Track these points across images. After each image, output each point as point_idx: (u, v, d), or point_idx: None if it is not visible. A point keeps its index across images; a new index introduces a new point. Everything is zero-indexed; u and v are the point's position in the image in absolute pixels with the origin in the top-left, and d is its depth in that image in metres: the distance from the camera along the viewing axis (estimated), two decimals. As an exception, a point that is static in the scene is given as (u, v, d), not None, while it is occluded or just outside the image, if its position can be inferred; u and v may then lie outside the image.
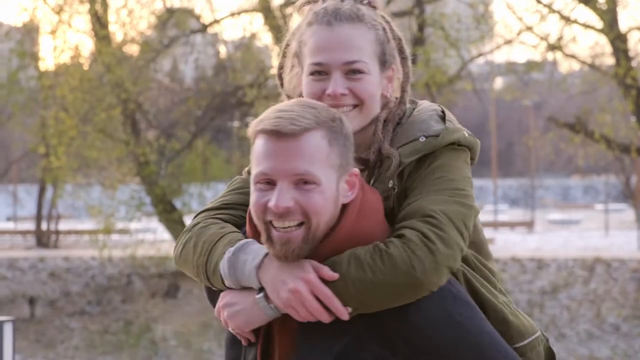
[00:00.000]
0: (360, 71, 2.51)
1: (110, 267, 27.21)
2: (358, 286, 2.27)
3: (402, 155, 2.48)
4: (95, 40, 23.79)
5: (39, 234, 36.60)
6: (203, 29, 25.22)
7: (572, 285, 23.74)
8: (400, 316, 2.28)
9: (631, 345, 21.17)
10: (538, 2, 21.32)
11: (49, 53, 26.37)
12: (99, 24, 23.45)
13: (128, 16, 24.00)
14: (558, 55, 22.51)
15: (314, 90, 2.52)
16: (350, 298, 2.27)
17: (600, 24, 20.82)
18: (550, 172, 64.39)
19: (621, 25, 20.84)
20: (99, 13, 23.61)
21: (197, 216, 2.61)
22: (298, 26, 2.60)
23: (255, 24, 27.44)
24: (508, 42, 22.94)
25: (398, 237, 2.32)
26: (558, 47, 21.38)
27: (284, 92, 2.68)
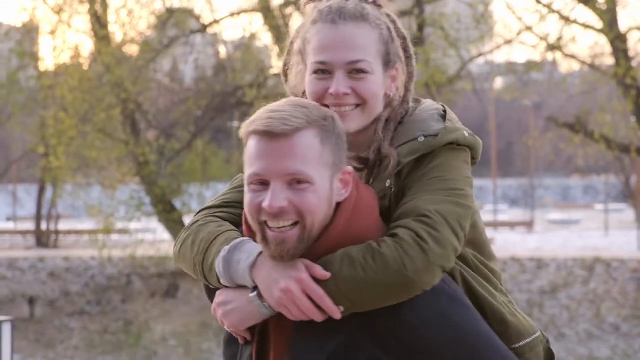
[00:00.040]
0: (363, 71, 2.50)
1: (110, 267, 27.21)
2: (350, 285, 2.27)
3: (401, 154, 2.46)
4: (95, 40, 23.79)
5: (39, 234, 36.59)
6: (203, 29, 25.22)
7: (572, 285, 23.74)
8: (393, 315, 2.28)
9: (631, 345, 21.16)
10: (538, 2, 21.32)
11: (49, 53, 26.38)
12: (99, 24, 23.46)
13: (128, 16, 24.00)
14: (558, 55, 22.51)
15: (317, 89, 2.52)
16: (342, 297, 2.27)
17: (599, 24, 20.82)
18: (550, 172, 64.38)
19: (621, 25, 20.84)
20: (99, 13, 23.61)
21: (198, 214, 2.61)
22: (303, 24, 2.60)
23: (255, 24, 27.43)
24: (508, 42, 22.95)
25: (391, 237, 2.32)
26: (558, 47, 21.38)
27: (288, 90, 2.67)
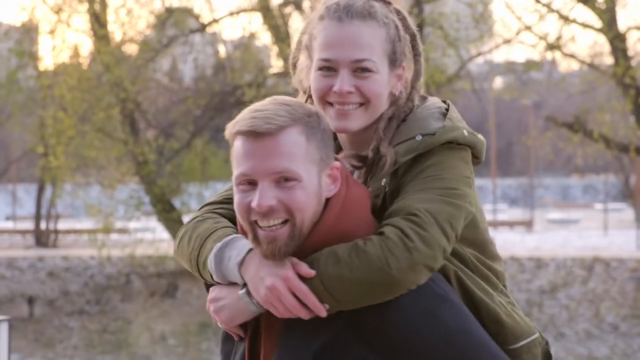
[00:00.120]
0: (368, 70, 2.48)
1: (109, 267, 27.21)
2: (334, 283, 2.26)
3: (398, 153, 2.45)
4: (94, 39, 23.80)
5: (38, 234, 36.60)
6: (202, 29, 25.22)
7: (571, 284, 23.74)
8: (379, 314, 2.27)
9: (630, 344, 21.16)
10: (537, 2, 21.32)
11: (48, 52, 26.40)
12: (98, 24, 23.46)
13: (127, 16, 24.01)
14: (557, 54, 22.53)
15: (321, 85, 2.51)
16: (327, 295, 2.27)
17: (599, 24, 20.83)
18: (549, 172, 64.41)
19: (620, 24, 20.86)
20: (98, 12, 23.61)
21: (200, 210, 2.62)
22: (311, 19, 2.58)
23: (254, 24, 27.46)
24: (507, 42, 22.96)
25: (378, 235, 2.31)
26: (557, 47, 21.39)
27: (294, 83, 2.67)
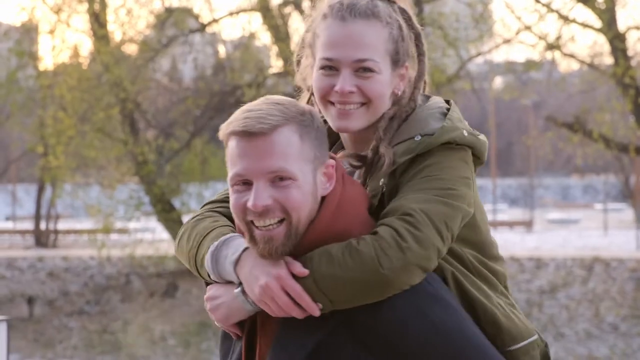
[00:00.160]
0: (370, 70, 2.48)
1: (109, 267, 27.21)
2: (327, 282, 2.26)
3: (396, 154, 2.44)
4: (93, 39, 23.80)
5: (38, 234, 36.58)
6: (202, 29, 25.22)
7: (571, 284, 23.74)
8: (373, 313, 2.27)
9: (629, 344, 21.15)
10: (537, 2, 21.33)
11: (48, 52, 26.42)
12: (98, 24, 23.46)
13: (126, 15, 24.01)
14: (557, 54, 22.53)
15: (323, 84, 2.51)
16: (320, 294, 2.26)
17: (598, 24, 20.84)
18: (549, 172, 64.41)
19: (620, 24, 20.86)
20: (98, 12, 23.62)
21: (201, 208, 2.62)
22: (315, 17, 2.57)
23: (253, 24, 27.47)
24: (507, 42, 22.97)
25: (372, 234, 2.30)
26: (557, 47, 21.40)
27: (297, 81, 2.67)
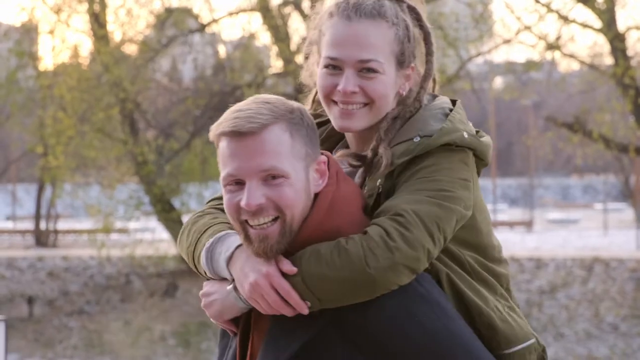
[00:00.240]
0: (373, 70, 2.46)
1: (108, 267, 27.21)
2: (315, 281, 2.26)
3: (395, 155, 2.43)
4: (93, 39, 23.81)
5: (38, 234, 36.58)
6: (201, 29, 25.23)
7: (571, 284, 23.74)
8: (362, 312, 2.28)
9: (629, 344, 21.15)
10: (537, 2, 21.33)
11: (48, 53, 26.45)
12: (98, 24, 23.47)
13: (126, 16, 24.02)
14: (557, 54, 22.55)
15: (326, 83, 2.50)
16: (308, 293, 2.27)
17: (598, 24, 20.84)
18: (549, 172, 64.41)
19: (619, 24, 20.87)
20: (98, 13, 23.63)
21: (205, 204, 2.64)
22: (322, 14, 2.56)
23: (253, 24, 27.47)
24: (507, 42, 22.97)
25: (362, 234, 2.30)
26: (557, 47, 21.40)
27: (302, 79, 2.67)
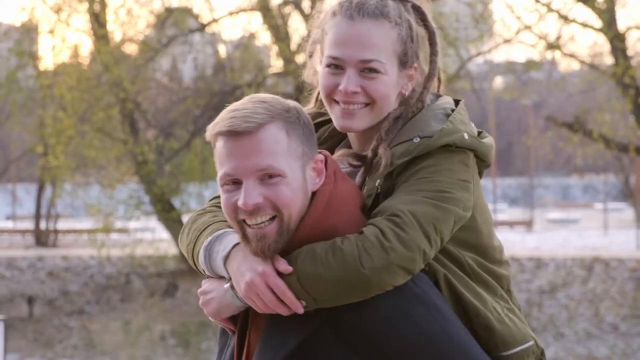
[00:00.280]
0: (375, 70, 2.46)
1: (109, 266, 27.21)
2: (310, 281, 2.26)
3: (394, 155, 2.42)
4: (93, 39, 23.82)
5: (38, 233, 36.57)
6: (202, 28, 25.24)
7: (571, 284, 23.74)
8: (357, 312, 2.28)
9: (629, 344, 21.14)
10: (537, 2, 21.34)
11: (48, 52, 26.46)
12: (98, 23, 23.48)
13: (126, 15, 24.03)
14: (557, 54, 22.55)
15: (328, 82, 2.50)
16: (303, 292, 2.26)
17: (598, 23, 20.85)
18: (549, 172, 64.41)
19: (619, 24, 20.88)
20: (98, 12, 23.64)
21: (208, 202, 2.64)
22: (324, 13, 2.56)
23: (253, 23, 27.49)
24: (507, 42, 22.99)
25: (357, 234, 2.29)
26: (557, 46, 21.41)
27: (305, 78, 2.66)
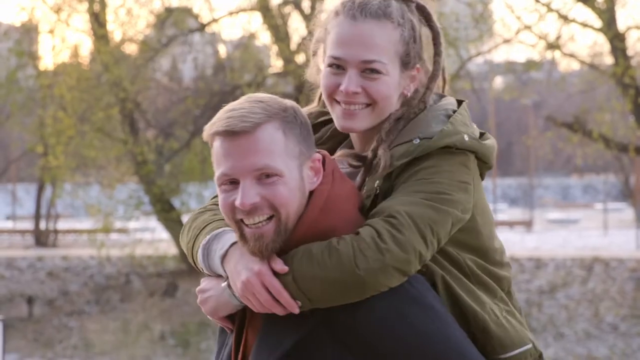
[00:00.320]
0: (377, 71, 2.45)
1: (108, 267, 27.21)
2: (306, 281, 2.26)
3: (394, 156, 2.41)
4: (93, 39, 23.82)
5: (38, 233, 36.56)
6: (201, 28, 25.24)
7: (571, 284, 23.73)
8: (352, 313, 2.28)
9: (629, 344, 21.14)
10: (537, 1, 21.34)
11: (48, 52, 26.46)
12: (98, 23, 23.48)
13: (126, 15, 24.03)
14: (557, 54, 22.55)
15: (330, 82, 2.50)
16: (299, 292, 2.26)
17: (598, 23, 20.85)
18: (549, 172, 64.40)
19: (619, 24, 20.88)
20: (97, 12, 23.64)
21: (210, 200, 2.64)
22: (327, 12, 2.55)
23: (253, 23, 27.50)
24: (507, 41, 22.99)
25: (354, 235, 2.29)
26: (557, 46, 21.41)
27: (307, 77, 2.66)
